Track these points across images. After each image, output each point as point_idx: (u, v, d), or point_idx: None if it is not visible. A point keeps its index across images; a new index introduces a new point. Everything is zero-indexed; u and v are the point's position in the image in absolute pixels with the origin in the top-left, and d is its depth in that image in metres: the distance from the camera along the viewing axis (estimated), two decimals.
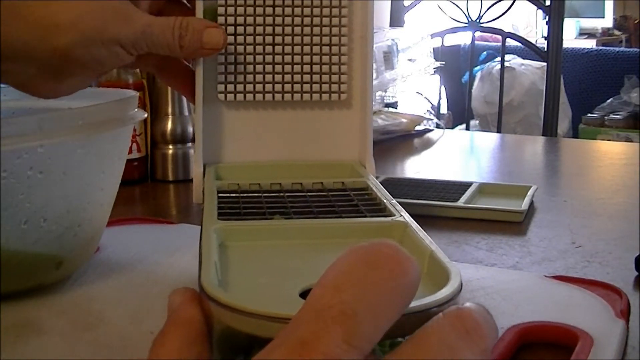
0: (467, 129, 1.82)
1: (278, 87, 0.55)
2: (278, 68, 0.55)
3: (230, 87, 0.54)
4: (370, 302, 0.23)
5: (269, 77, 0.55)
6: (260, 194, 0.48)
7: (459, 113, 2.82)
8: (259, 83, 0.55)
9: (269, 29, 0.54)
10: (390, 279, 0.24)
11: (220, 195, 0.48)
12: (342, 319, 0.23)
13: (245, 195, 0.48)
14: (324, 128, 0.56)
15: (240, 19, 0.54)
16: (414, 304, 0.28)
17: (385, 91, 1.30)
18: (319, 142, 0.57)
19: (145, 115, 0.56)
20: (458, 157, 1.15)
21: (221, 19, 0.53)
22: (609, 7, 4.95)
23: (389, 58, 1.26)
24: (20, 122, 0.43)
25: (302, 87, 0.55)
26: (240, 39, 0.54)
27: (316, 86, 0.55)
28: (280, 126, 0.56)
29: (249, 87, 0.54)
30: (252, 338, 0.29)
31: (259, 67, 0.54)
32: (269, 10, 0.54)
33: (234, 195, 0.48)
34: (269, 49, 0.54)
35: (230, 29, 0.54)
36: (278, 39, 0.54)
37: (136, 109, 0.54)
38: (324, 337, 0.22)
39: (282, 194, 0.48)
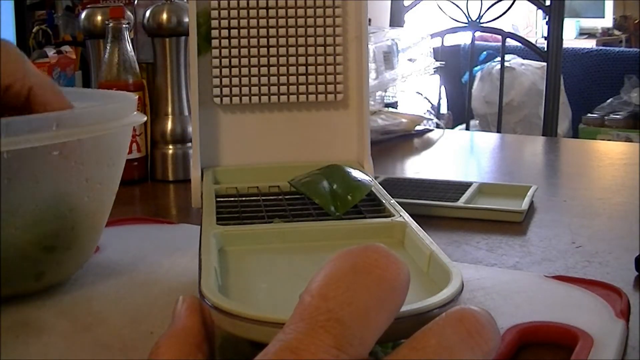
0: (467, 129, 1.82)
1: (274, 89, 0.55)
2: (273, 70, 0.54)
3: (226, 90, 0.54)
4: (358, 308, 0.23)
5: (264, 80, 0.55)
6: (258, 198, 0.48)
7: (459, 113, 2.82)
8: (254, 85, 0.54)
9: (263, 31, 0.54)
10: (378, 283, 0.24)
11: (218, 199, 0.47)
12: (330, 325, 0.23)
13: (244, 199, 0.48)
14: (321, 129, 0.56)
15: (234, 22, 0.53)
16: (416, 305, 0.28)
17: (385, 91, 1.30)
18: (317, 143, 0.56)
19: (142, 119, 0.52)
20: (458, 157, 1.15)
21: (215, 22, 0.53)
22: (609, 7, 4.94)
23: (389, 58, 1.26)
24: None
25: (298, 89, 0.55)
26: (234, 41, 0.54)
27: (312, 87, 0.55)
28: (277, 128, 0.56)
29: (245, 89, 0.54)
30: (255, 344, 0.28)
31: (254, 70, 0.54)
32: (262, 12, 0.54)
33: (232, 199, 0.48)
34: (263, 51, 0.54)
35: (224, 32, 0.54)
36: (272, 41, 0.54)
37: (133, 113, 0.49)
38: (313, 343, 0.22)
39: (280, 197, 0.48)
